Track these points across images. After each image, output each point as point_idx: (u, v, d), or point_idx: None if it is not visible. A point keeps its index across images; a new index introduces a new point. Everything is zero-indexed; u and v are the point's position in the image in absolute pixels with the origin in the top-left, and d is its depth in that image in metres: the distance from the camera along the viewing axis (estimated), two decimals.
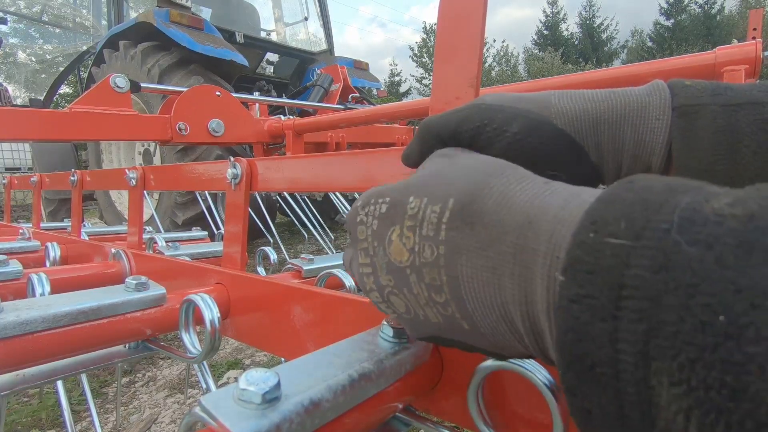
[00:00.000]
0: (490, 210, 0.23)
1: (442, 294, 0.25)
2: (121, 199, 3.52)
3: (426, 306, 0.26)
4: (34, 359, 0.46)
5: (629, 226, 0.17)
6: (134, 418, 1.37)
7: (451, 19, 0.44)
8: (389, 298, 0.29)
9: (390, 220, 0.28)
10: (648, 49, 26.99)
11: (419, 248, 0.26)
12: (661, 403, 0.15)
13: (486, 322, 0.24)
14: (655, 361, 0.15)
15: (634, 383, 0.16)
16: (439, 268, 0.25)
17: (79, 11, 6.08)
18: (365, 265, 0.29)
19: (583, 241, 0.18)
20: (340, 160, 0.55)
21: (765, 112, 0.30)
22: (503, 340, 0.24)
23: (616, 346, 0.16)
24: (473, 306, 0.24)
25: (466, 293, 0.24)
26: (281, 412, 0.24)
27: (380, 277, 0.28)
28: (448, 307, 0.25)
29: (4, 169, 6.23)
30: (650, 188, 0.18)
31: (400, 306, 0.28)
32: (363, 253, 0.29)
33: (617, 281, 0.16)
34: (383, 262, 0.28)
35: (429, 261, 0.25)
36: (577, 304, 0.17)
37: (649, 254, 0.16)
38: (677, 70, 1.13)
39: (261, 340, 0.59)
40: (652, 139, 0.32)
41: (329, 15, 4.87)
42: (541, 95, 0.35)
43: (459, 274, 0.24)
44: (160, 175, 0.89)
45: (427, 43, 29.17)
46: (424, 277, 0.25)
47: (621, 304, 0.16)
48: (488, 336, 0.25)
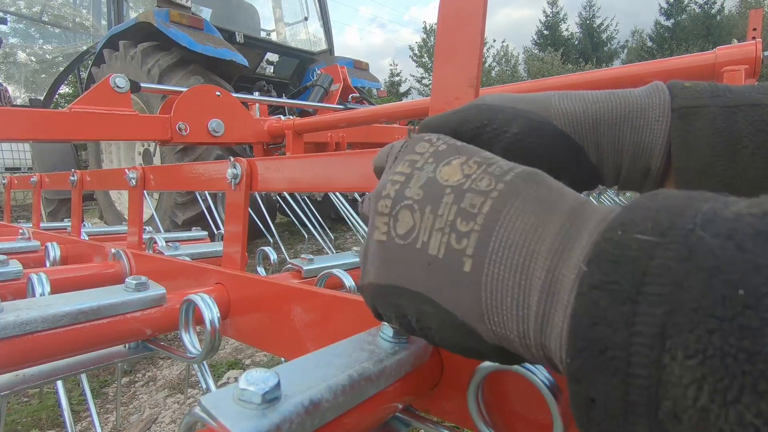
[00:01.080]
0: (555, 184, 0.25)
1: (470, 222, 0.24)
2: (121, 199, 3.52)
3: (437, 232, 0.25)
4: (34, 359, 0.46)
5: (655, 226, 0.18)
6: (134, 418, 1.37)
7: (451, 19, 0.44)
8: (399, 212, 0.27)
9: (460, 150, 0.28)
10: (648, 49, 26.99)
11: (477, 177, 0.26)
12: (672, 379, 0.16)
13: (497, 267, 0.23)
14: (671, 339, 0.16)
15: (646, 365, 0.16)
16: (487, 198, 0.24)
17: (79, 11, 6.08)
18: (400, 174, 0.28)
19: (610, 237, 0.19)
20: (340, 160, 0.55)
21: (763, 114, 0.30)
22: (499, 299, 0.23)
23: (631, 329, 0.17)
24: (497, 245, 0.23)
25: (499, 229, 0.23)
26: (281, 412, 0.24)
27: (409, 188, 0.27)
28: (465, 239, 0.24)
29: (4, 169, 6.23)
30: (672, 197, 0.19)
31: (404, 225, 0.27)
32: (408, 164, 0.29)
33: (641, 270, 0.17)
34: (426, 176, 0.27)
35: (480, 189, 0.25)
36: (598, 290, 0.18)
37: (674, 247, 0.17)
38: (677, 70, 1.13)
39: (261, 340, 0.59)
40: (652, 140, 0.32)
41: (329, 15, 4.87)
42: (542, 96, 0.35)
43: (504, 209, 0.24)
44: (160, 175, 0.89)
45: (427, 43, 29.17)
46: (462, 200, 0.25)
47: (642, 290, 0.17)
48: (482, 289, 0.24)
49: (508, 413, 0.37)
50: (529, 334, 0.22)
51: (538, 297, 0.22)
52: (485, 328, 0.24)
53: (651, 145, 0.32)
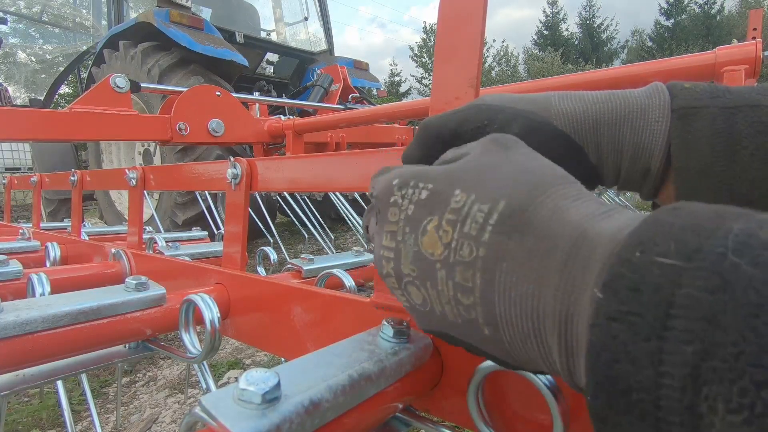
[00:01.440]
0: (543, 220, 0.22)
1: (470, 296, 0.24)
2: (121, 199, 3.52)
3: (447, 304, 0.25)
4: (34, 359, 0.46)
5: (680, 249, 0.16)
6: (134, 418, 1.37)
7: (451, 19, 0.44)
8: (407, 287, 0.27)
9: (429, 209, 0.26)
10: (648, 49, 26.99)
11: (457, 245, 0.24)
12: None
13: (512, 332, 0.23)
14: (708, 386, 0.14)
15: (679, 411, 0.14)
16: (475, 270, 0.23)
17: (79, 11, 6.07)
18: (388, 249, 0.28)
19: (628, 259, 0.17)
20: (340, 160, 0.55)
21: (763, 115, 0.30)
22: (524, 353, 0.23)
23: (659, 369, 0.15)
24: (503, 314, 0.23)
25: (498, 300, 0.23)
26: (281, 412, 0.24)
27: (403, 264, 0.27)
28: (473, 310, 0.24)
29: (4, 169, 6.23)
30: (698, 214, 0.17)
31: (417, 297, 0.27)
32: (389, 236, 0.28)
33: (666, 300, 0.15)
34: (411, 250, 0.26)
35: (465, 260, 0.24)
36: (618, 322, 0.16)
37: (704, 275, 0.15)
38: (677, 70, 1.13)
39: (261, 340, 0.59)
40: (652, 140, 0.32)
41: (329, 15, 4.87)
42: (542, 96, 0.35)
43: (496, 279, 0.23)
44: (160, 175, 0.89)
45: (427, 43, 29.17)
46: (454, 275, 0.24)
47: (669, 324, 0.15)
48: (507, 346, 0.24)
49: (508, 413, 0.37)
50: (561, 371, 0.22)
51: (558, 357, 0.21)
52: (522, 365, 0.25)
53: (651, 145, 0.32)
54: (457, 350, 0.39)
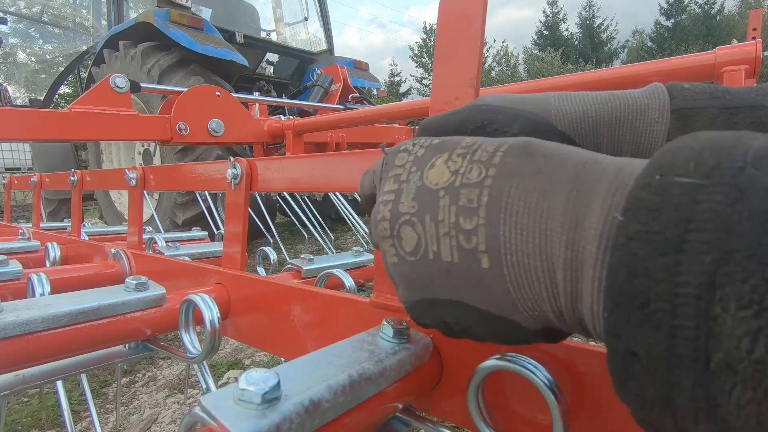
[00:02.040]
0: (552, 149, 0.23)
1: (474, 217, 0.23)
2: (121, 199, 3.52)
3: (444, 237, 0.25)
4: (34, 359, 0.46)
5: (699, 167, 0.17)
6: (134, 418, 1.37)
7: (451, 19, 0.44)
8: (400, 230, 0.27)
9: (440, 148, 0.27)
10: (648, 49, 27.00)
11: (465, 170, 0.24)
12: (724, 331, 0.15)
13: (515, 256, 0.22)
14: (722, 289, 0.15)
15: (694, 316, 0.15)
16: (482, 189, 0.23)
17: (79, 11, 6.07)
18: (389, 192, 0.28)
19: (648, 183, 0.18)
20: (340, 160, 0.55)
21: (762, 116, 0.30)
22: (527, 287, 0.23)
23: (676, 279, 0.16)
24: (508, 233, 0.22)
25: (505, 217, 0.22)
26: (281, 412, 0.24)
27: (402, 203, 0.27)
28: (474, 236, 0.23)
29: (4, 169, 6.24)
30: (717, 136, 0.18)
31: (410, 240, 0.26)
32: (393, 180, 0.28)
33: (685, 216, 0.16)
34: (414, 186, 0.26)
35: (473, 181, 0.24)
36: (636, 240, 0.17)
37: (723, 189, 0.16)
38: (677, 70, 1.13)
39: (261, 340, 0.59)
40: (651, 141, 0.32)
41: (329, 15, 4.87)
42: (542, 96, 0.35)
43: (504, 195, 0.23)
44: (160, 175, 0.89)
45: (427, 43, 29.17)
46: (459, 198, 0.24)
47: (687, 237, 0.16)
48: (507, 281, 0.23)
49: (508, 413, 0.37)
50: (563, 311, 0.22)
51: (563, 275, 0.21)
52: (522, 316, 0.24)
53: (650, 146, 0.32)
54: (458, 350, 0.39)
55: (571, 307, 0.21)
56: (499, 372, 0.35)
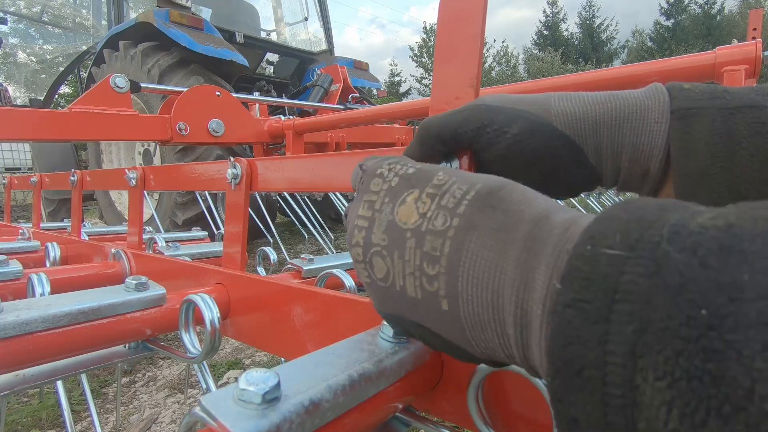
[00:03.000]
0: (513, 201, 0.24)
1: (436, 266, 0.25)
2: (121, 199, 3.52)
3: (410, 276, 0.26)
4: (34, 359, 0.46)
5: (624, 240, 0.18)
6: (134, 418, 1.37)
7: (451, 19, 0.44)
8: (372, 259, 0.28)
9: (412, 182, 0.28)
10: (648, 49, 26.99)
11: (432, 215, 0.26)
12: (644, 400, 0.16)
13: (471, 306, 0.24)
14: (641, 358, 0.16)
15: (621, 384, 0.16)
16: (445, 239, 0.24)
17: (79, 11, 6.07)
18: (363, 218, 0.29)
19: (581, 253, 0.19)
20: (340, 160, 0.55)
21: (761, 116, 0.30)
22: (480, 332, 0.24)
23: (605, 348, 0.17)
24: (465, 284, 0.24)
25: (463, 270, 0.24)
26: (281, 412, 0.24)
27: (374, 233, 0.28)
28: (436, 281, 0.25)
29: (4, 169, 6.24)
30: (643, 208, 0.19)
31: (380, 270, 0.28)
32: (367, 206, 0.29)
33: (612, 287, 0.17)
34: (385, 219, 0.27)
35: (437, 229, 0.25)
36: (571, 308, 0.18)
37: (643, 262, 0.17)
38: (677, 70, 1.13)
39: (261, 340, 0.59)
40: (651, 142, 0.32)
41: (329, 15, 4.87)
42: (542, 97, 0.35)
43: (464, 249, 0.24)
44: (160, 175, 0.89)
45: (427, 44, 29.17)
46: (424, 244, 0.25)
47: (613, 308, 0.17)
48: (463, 324, 0.24)
49: (508, 413, 0.37)
50: (514, 356, 0.23)
51: (513, 330, 0.22)
52: (476, 351, 0.26)
53: (650, 146, 0.32)
54: None
55: (523, 356, 0.23)
56: (499, 372, 0.35)
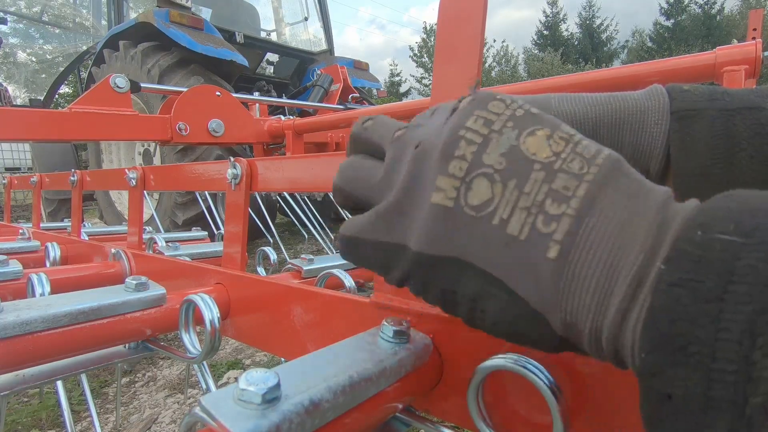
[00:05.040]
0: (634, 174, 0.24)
1: (563, 206, 0.22)
2: (121, 199, 3.52)
3: (521, 210, 0.23)
4: (34, 359, 0.46)
5: (738, 228, 0.18)
6: (134, 418, 1.37)
7: (451, 19, 0.44)
8: (474, 180, 0.24)
9: (540, 120, 0.25)
10: (648, 50, 26.99)
11: (567, 157, 0.23)
12: (763, 375, 0.16)
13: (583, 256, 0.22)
14: (762, 336, 0.16)
15: (734, 361, 0.17)
16: (581, 182, 0.23)
17: (79, 11, 6.08)
18: (475, 132, 0.25)
19: (690, 237, 0.19)
20: (340, 160, 0.55)
21: (761, 117, 0.30)
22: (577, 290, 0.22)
23: (717, 326, 0.17)
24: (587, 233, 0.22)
25: (591, 218, 0.22)
26: (281, 412, 0.24)
27: (488, 153, 0.24)
28: (555, 223, 0.22)
29: (4, 169, 6.24)
30: (751, 198, 0.20)
31: (479, 195, 0.24)
32: (482, 122, 0.25)
33: (728, 269, 0.18)
34: (507, 143, 0.24)
35: (573, 172, 0.23)
36: (680, 287, 0.18)
37: (762, 248, 0.17)
38: (677, 70, 1.13)
39: (261, 341, 0.59)
40: (651, 143, 0.32)
41: (329, 15, 4.87)
42: (541, 98, 0.35)
43: (599, 197, 0.22)
44: (160, 175, 0.89)
45: (427, 44, 29.17)
46: (554, 181, 0.23)
47: (728, 288, 0.17)
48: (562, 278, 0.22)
49: (508, 413, 0.37)
50: (603, 328, 0.21)
51: (624, 291, 0.21)
52: (556, 318, 0.23)
53: (650, 147, 0.32)
54: (458, 351, 0.39)
55: (618, 324, 0.21)
56: (499, 372, 0.35)
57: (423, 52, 29.48)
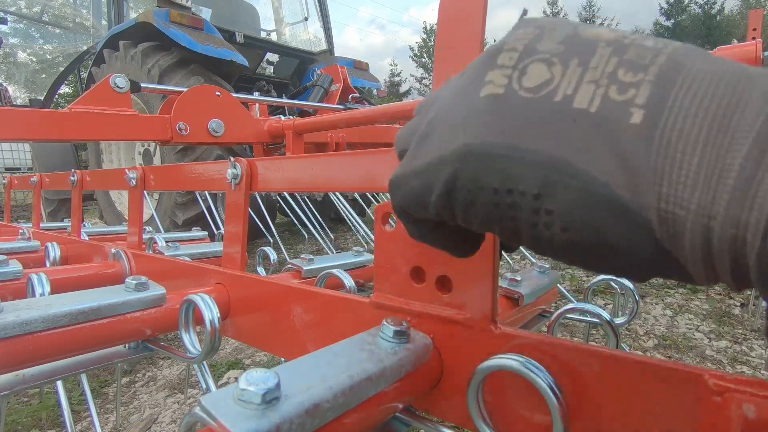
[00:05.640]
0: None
1: (640, 74, 0.19)
2: (121, 199, 3.52)
3: (589, 83, 0.20)
4: (34, 359, 0.46)
5: None
6: (134, 418, 1.37)
7: (451, 19, 0.44)
8: (529, 65, 0.22)
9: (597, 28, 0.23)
10: None
11: (636, 39, 0.21)
12: None
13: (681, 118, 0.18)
14: None
15: None
16: (658, 53, 0.19)
17: (79, 11, 6.08)
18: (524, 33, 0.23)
19: None
20: (340, 160, 0.55)
21: None
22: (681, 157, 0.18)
23: None
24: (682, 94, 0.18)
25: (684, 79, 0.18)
26: (281, 412, 0.24)
27: (543, 42, 0.22)
28: (633, 89, 0.19)
29: (4, 169, 6.24)
30: None
31: (537, 77, 0.21)
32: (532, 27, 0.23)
33: None
34: (563, 33, 0.22)
35: (647, 46, 0.20)
36: None
37: None
38: None
39: (261, 341, 0.59)
40: None
41: (329, 15, 4.87)
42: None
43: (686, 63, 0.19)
44: (160, 175, 0.89)
45: (427, 44, 29.18)
46: (626, 52, 0.20)
47: None
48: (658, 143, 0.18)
49: (508, 413, 0.37)
50: (719, 209, 0.17)
51: (745, 154, 0.16)
52: (649, 203, 0.18)
53: None
54: (458, 350, 0.39)
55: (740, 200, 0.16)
56: (499, 372, 0.35)
57: (423, 52, 29.49)
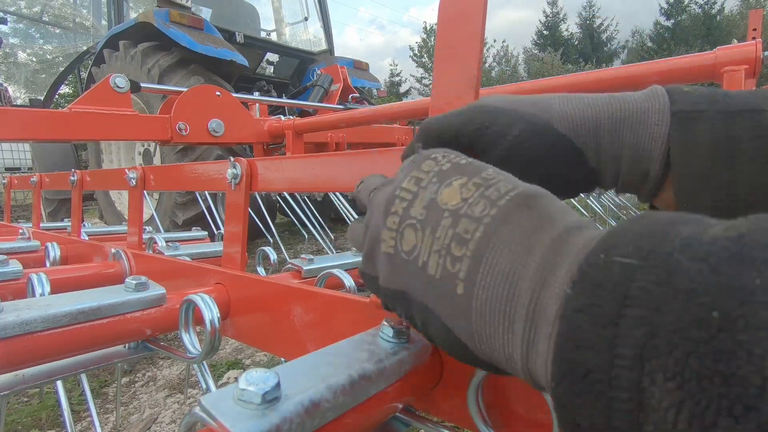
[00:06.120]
0: (552, 208, 0.25)
1: (463, 248, 0.25)
2: (121, 199, 3.52)
3: (435, 253, 0.26)
4: (34, 359, 0.46)
5: (636, 251, 0.18)
6: (134, 418, 1.37)
7: (451, 19, 0.44)
8: (405, 230, 0.29)
9: (462, 171, 0.28)
10: (648, 50, 26.98)
11: (473, 201, 0.26)
12: (652, 403, 0.16)
13: (485, 293, 0.24)
14: (650, 362, 0.16)
15: (627, 388, 0.16)
16: (479, 225, 0.25)
17: (79, 11, 6.08)
18: (407, 191, 0.30)
19: (594, 261, 0.19)
20: (340, 160, 0.55)
21: (762, 119, 0.30)
22: (486, 323, 0.24)
23: (613, 352, 0.17)
24: (486, 271, 0.24)
25: (488, 258, 0.24)
26: (281, 412, 0.24)
27: (414, 207, 0.29)
28: (459, 263, 0.25)
29: (4, 169, 6.24)
30: (656, 222, 0.19)
31: (409, 242, 0.28)
32: (414, 182, 0.30)
33: (622, 293, 0.17)
34: (428, 197, 0.28)
35: (474, 215, 0.26)
36: (581, 313, 0.18)
37: (654, 271, 0.17)
38: (677, 70, 1.13)
39: (261, 340, 0.59)
40: (651, 144, 0.32)
41: (329, 15, 4.87)
42: (542, 98, 0.35)
43: (493, 237, 0.24)
44: (160, 175, 0.89)
45: (427, 43, 29.16)
46: (458, 225, 0.26)
47: (623, 312, 0.17)
48: (472, 312, 0.25)
49: (508, 413, 0.37)
50: (515, 357, 0.23)
51: (523, 324, 0.22)
52: (475, 346, 0.25)
53: (650, 149, 0.32)
54: None
55: (525, 356, 0.22)
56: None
57: (423, 52, 29.47)
